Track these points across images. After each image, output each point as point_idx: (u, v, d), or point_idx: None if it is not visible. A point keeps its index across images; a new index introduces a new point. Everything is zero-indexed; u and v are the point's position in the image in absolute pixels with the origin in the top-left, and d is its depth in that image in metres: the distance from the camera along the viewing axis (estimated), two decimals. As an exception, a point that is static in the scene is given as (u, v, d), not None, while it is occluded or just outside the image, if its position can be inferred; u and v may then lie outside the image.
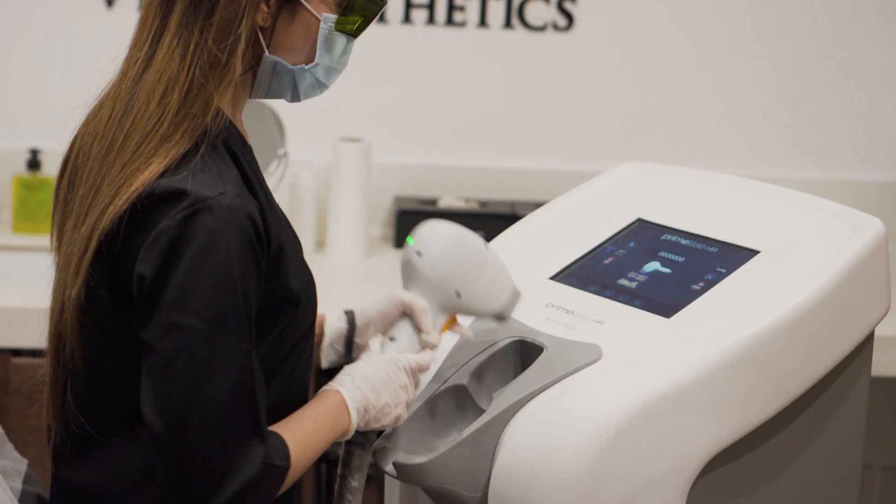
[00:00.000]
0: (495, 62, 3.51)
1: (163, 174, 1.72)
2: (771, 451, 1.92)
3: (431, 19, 3.48)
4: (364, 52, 3.45)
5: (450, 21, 3.49)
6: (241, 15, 1.76)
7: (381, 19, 3.45)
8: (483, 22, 3.50)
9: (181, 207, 1.69)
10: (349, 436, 1.86)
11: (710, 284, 1.97)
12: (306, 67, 1.85)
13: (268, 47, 1.82)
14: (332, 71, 1.89)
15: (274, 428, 1.78)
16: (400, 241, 3.36)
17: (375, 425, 1.87)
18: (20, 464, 2.09)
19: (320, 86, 1.88)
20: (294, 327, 1.84)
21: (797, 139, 3.61)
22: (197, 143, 1.74)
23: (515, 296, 1.97)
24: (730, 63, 3.57)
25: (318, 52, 1.85)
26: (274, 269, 1.78)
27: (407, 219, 3.37)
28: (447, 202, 3.43)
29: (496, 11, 3.49)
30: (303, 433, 1.80)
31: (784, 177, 3.48)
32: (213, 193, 1.70)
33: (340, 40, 1.87)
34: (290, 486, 1.83)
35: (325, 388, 1.86)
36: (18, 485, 2.09)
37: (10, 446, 2.11)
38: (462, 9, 3.48)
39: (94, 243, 1.73)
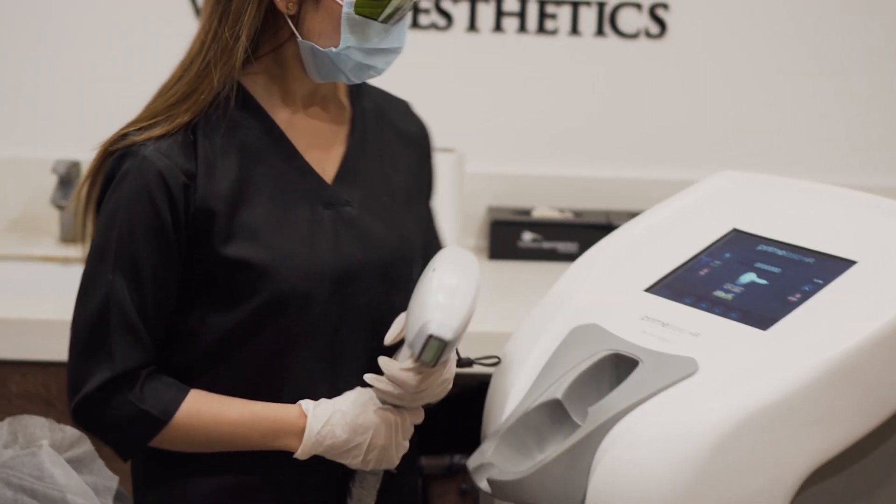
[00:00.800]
0: (588, 70, 3.48)
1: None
2: (871, 465, 1.89)
3: (523, 27, 3.46)
4: (456, 61, 3.46)
5: (541, 29, 3.47)
6: (248, 3, 1.93)
7: (473, 28, 3.44)
8: (575, 30, 3.48)
9: (119, 150, 1.96)
10: (298, 456, 1.98)
11: (806, 296, 1.94)
12: (335, 50, 1.96)
13: (299, 33, 1.97)
14: (374, 53, 1.99)
15: (196, 389, 1.98)
16: (494, 251, 3.35)
17: (341, 461, 2.00)
18: (111, 481, 2.10)
19: (367, 68, 2.01)
20: (248, 299, 1.96)
21: (894, 147, 3.55)
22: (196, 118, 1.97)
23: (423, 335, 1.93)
24: (825, 70, 3.52)
25: (342, 35, 1.96)
26: (199, 232, 1.95)
27: (501, 229, 3.35)
28: (541, 212, 3.41)
29: (588, 19, 3.47)
30: (216, 414, 1.97)
31: (880, 185, 3.43)
32: (140, 143, 1.94)
33: (368, 24, 1.97)
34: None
35: (300, 402, 1.99)
36: (109, 502, 2.10)
37: (100, 463, 2.12)
38: (553, 17, 3.46)
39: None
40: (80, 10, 3.45)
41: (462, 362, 2.07)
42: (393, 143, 2.14)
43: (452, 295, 1.92)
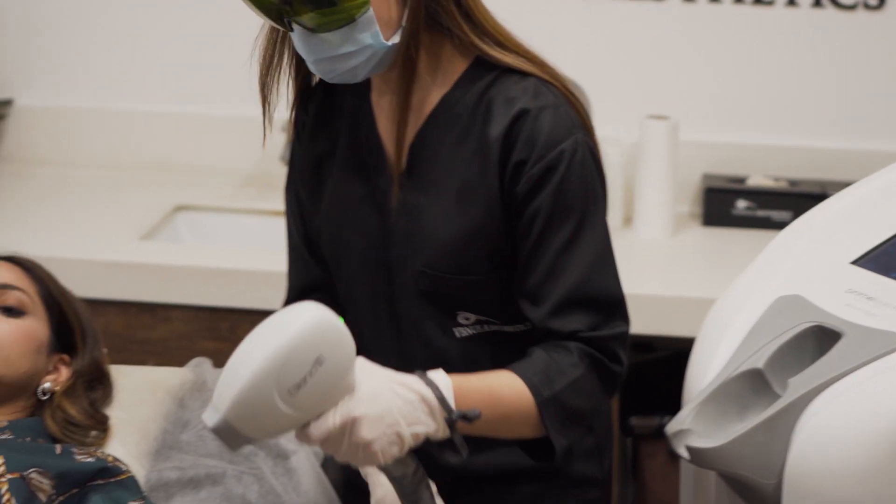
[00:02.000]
0: (804, 41, 3.36)
1: None
2: None
3: (740, -2, 3.37)
4: (673, 31, 3.38)
5: (757, 0, 3.36)
6: None
7: (691, -1, 3.36)
8: (791, 1, 3.36)
9: None
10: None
11: None
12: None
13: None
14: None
15: None
16: (708, 218, 3.28)
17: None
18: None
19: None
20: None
21: None
22: None
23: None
24: None
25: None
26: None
27: (715, 196, 3.28)
28: (756, 181, 3.32)
29: (806, -10, 3.35)
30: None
31: None
32: None
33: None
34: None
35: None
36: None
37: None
38: (771, -13, 3.35)
39: None
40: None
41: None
42: (456, 144, 1.94)
43: (229, 373, 1.64)
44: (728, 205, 3.28)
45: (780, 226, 3.15)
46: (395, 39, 1.86)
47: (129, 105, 3.49)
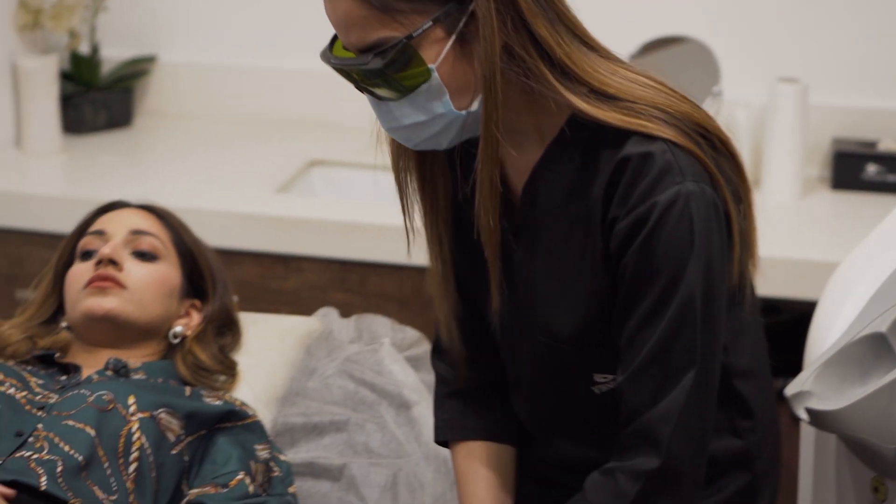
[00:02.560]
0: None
1: None
2: None
3: (876, -41, 3.27)
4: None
5: (895, -38, 3.27)
6: None
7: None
8: (930, -37, 3.26)
9: None
10: None
11: None
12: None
13: None
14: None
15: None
16: (838, 182, 3.19)
17: None
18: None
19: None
20: None
21: None
22: None
23: None
24: None
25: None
26: None
27: (845, 161, 3.20)
28: (886, 145, 3.22)
29: (946, -49, 3.24)
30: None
31: None
32: None
33: None
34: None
35: None
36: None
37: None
38: (909, -51, 3.25)
39: None
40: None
41: None
42: (563, 204, 1.71)
43: None
44: (857, 169, 3.20)
45: (909, 191, 3.10)
46: (475, 107, 1.63)
47: (268, 62, 3.50)
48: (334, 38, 1.66)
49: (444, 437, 1.88)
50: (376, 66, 1.59)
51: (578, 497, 1.69)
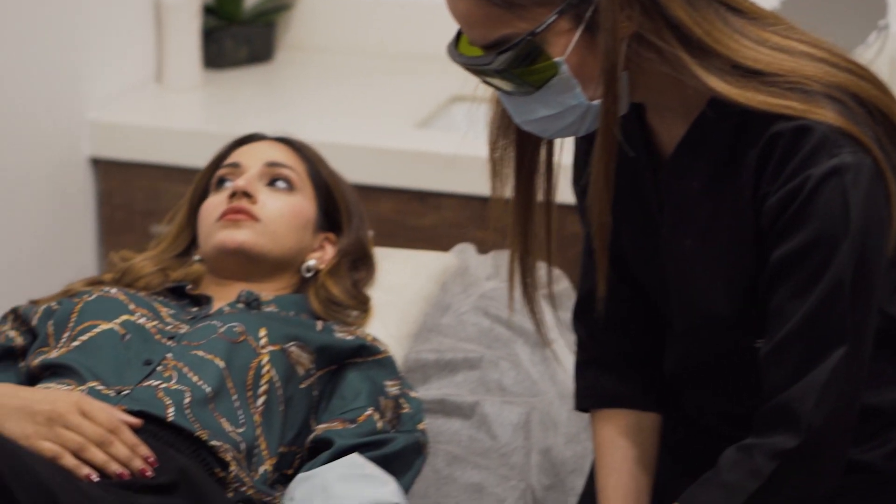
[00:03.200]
0: None
1: None
2: None
3: None
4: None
5: None
6: None
7: None
8: None
9: None
10: None
11: None
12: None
13: None
14: None
15: None
16: None
17: None
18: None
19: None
20: None
21: None
22: None
23: None
24: None
25: None
26: None
27: None
28: None
29: None
30: None
31: None
32: None
33: None
34: None
35: None
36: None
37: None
38: None
39: None
40: None
41: None
42: (706, 180, 1.63)
43: None
44: None
45: None
46: None
47: (411, -4, 3.45)
48: (459, 33, 1.59)
49: (585, 405, 1.83)
50: (501, 66, 1.52)
51: (711, 473, 1.60)
